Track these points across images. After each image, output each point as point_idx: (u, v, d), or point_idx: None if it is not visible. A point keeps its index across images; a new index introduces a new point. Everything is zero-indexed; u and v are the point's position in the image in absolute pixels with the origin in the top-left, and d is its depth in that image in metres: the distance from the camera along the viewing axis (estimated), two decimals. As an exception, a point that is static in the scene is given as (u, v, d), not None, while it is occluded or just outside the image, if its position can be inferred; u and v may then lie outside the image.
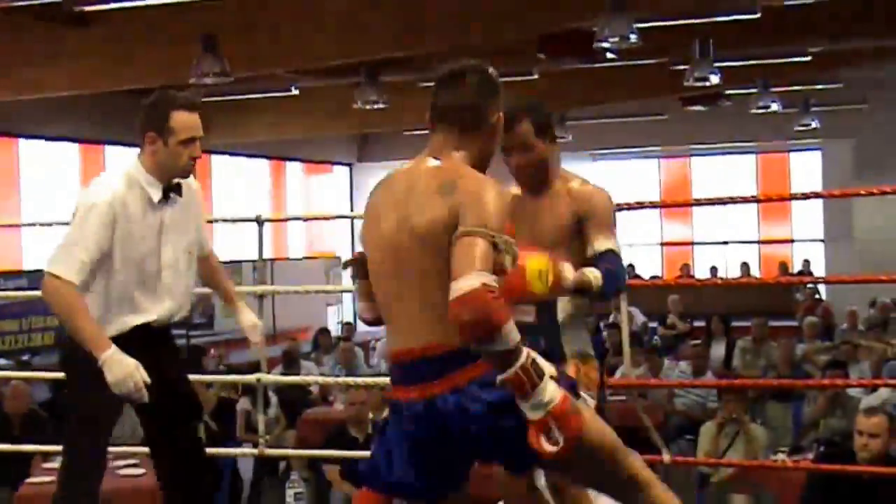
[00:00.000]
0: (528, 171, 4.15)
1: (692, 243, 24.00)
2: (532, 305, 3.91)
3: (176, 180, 4.35)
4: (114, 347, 4.00)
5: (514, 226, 3.32)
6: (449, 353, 3.16)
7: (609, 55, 12.23)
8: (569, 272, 3.70)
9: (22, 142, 16.16)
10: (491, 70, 3.38)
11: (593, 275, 3.83)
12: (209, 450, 4.92)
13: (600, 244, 4.01)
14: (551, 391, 3.00)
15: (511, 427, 3.11)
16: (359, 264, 3.54)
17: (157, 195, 4.29)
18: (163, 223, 4.31)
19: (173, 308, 4.41)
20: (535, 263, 3.48)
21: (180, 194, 4.37)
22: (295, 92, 15.21)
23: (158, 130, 4.29)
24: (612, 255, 4.01)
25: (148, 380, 4.03)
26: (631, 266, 21.95)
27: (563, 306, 4.06)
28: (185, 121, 4.29)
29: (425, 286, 3.18)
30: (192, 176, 4.43)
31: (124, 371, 3.98)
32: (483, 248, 3.03)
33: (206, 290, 5.08)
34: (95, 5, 10.38)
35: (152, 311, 4.31)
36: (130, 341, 4.14)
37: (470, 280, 2.94)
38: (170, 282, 4.35)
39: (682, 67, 12.80)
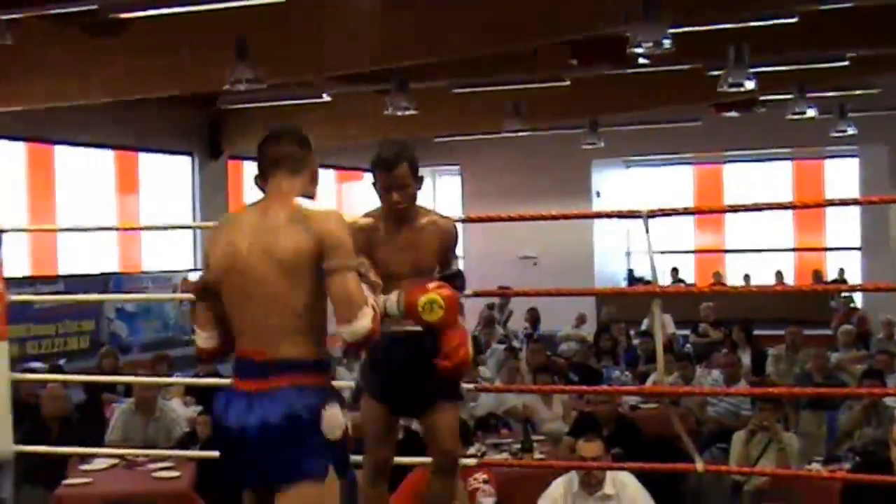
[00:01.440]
0: (403, 207, 4.72)
1: (725, 251, 23.89)
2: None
3: None
4: None
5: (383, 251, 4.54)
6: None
7: (642, 61, 12.19)
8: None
9: (57, 148, 16.26)
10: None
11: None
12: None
13: (455, 266, 4.81)
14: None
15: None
16: (201, 290, 3.98)
17: None
18: None
19: None
20: (423, 299, 4.24)
21: None
22: (326, 98, 15.23)
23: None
24: (461, 276, 4.83)
25: None
26: (675, 269, 21.89)
27: None
28: None
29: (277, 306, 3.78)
30: None
31: None
32: (355, 281, 3.74)
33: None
34: (129, 13, 10.43)
35: None
36: None
37: (363, 322, 3.70)
38: None
39: (716, 73, 12.73)
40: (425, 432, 4.95)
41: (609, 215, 6.39)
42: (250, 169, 19.61)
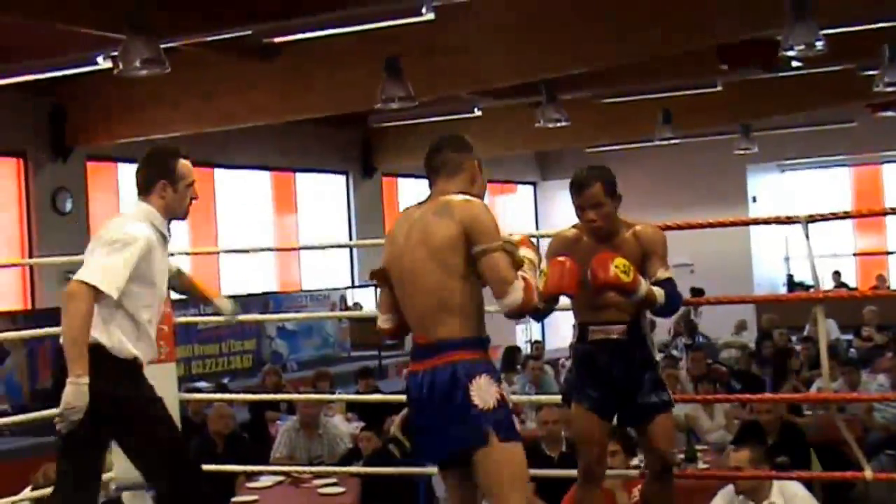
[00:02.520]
0: (599, 225, 4.90)
1: (887, 252, 23.33)
2: (622, 325, 4.89)
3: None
4: (87, 377, 4.28)
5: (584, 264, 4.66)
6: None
7: (795, 63, 12.01)
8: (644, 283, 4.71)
9: (217, 171, 16.66)
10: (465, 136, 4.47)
11: (659, 292, 4.78)
12: (404, 468, 5.17)
13: (662, 273, 4.86)
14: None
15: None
16: (382, 277, 4.39)
17: (167, 234, 4.75)
18: (165, 258, 4.79)
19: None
20: (620, 260, 4.61)
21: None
22: (478, 113, 15.31)
23: (168, 179, 4.70)
24: (671, 282, 4.86)
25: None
26: (837, 273, 21.44)
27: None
28: (186, 167, 4.75)
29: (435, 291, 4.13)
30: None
31: (81, 401, 4.28)
32: (503, 260, 4.05)
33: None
34: (282, 37, 10.65)
35: (153, 336, 4.69)
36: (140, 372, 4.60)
37: (515, 295, 4.02)
38: (161, 309, 4.82)
39: (870, 73, 12.48)
40: (639, 438, 5.22)
41: (767, 222, 6.32)
42: (404, 186, 19.86)
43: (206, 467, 7.05)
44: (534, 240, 4.44)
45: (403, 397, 4.12)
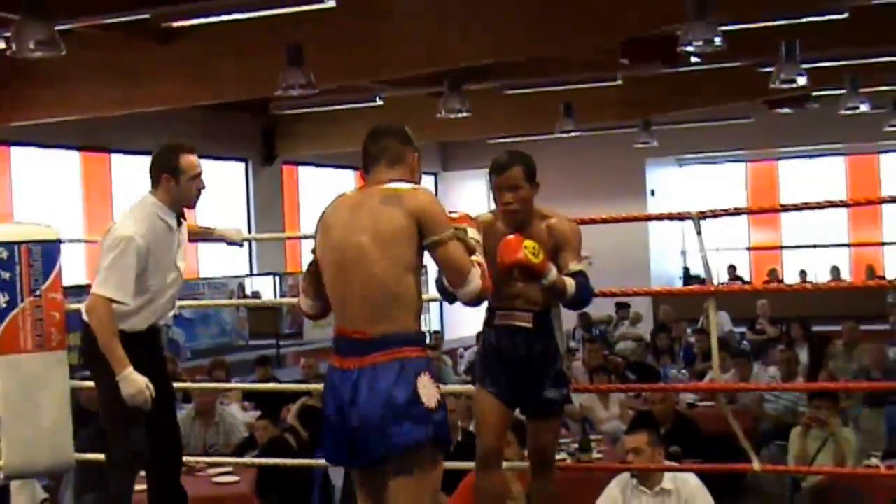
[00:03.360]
0: (514, 209, 4.86)
1: (781, 247, 23.74)
2: (529, 313, 4.85)
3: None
4: (131, 367, 4.88)
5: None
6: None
7: (694, 59, 12.14)
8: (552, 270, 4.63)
9: (113, 156, 16.42)
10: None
11: (570, 282, 4.73)
12: (300, 460, 5.25)
13: (574, 266, 4.82)
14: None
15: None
16: (312, 265, 4.29)
17: (173, 223, 5.17)
18: (177, 243, 5.21)
19: (173, 304, 5.34)
20: (530, 242, 4.54)
21: (185, 218, 5.33)
22: (379, 102, 15.29)
23: (171, 172, 5.18)
24: (583, 275, 4.83)
25: (153, 395, 4.92)
26: (732, 267, 21.75)
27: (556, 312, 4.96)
28: (190, 161, 5.23)
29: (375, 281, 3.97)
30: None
31: (138, 387, 4.87)
32: (458, 249, 4.00)
33: (293, 300, 5.47)
34: (181, 21, 10.53)
35: (166, 311, 5.27)
36: (149, 334, 5.16)
37: (473, 283, 3.99)
38: (180, 285, 5.25)
39: (768, 70, 12.67)
40: (528, 429, 5.13)
41: (660, 217, 6.39)
42: (304, 174, 19.76)
43: (98, 456, 6.99)
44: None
45: (301, 386, 4.16)
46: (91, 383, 5.47)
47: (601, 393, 9.83)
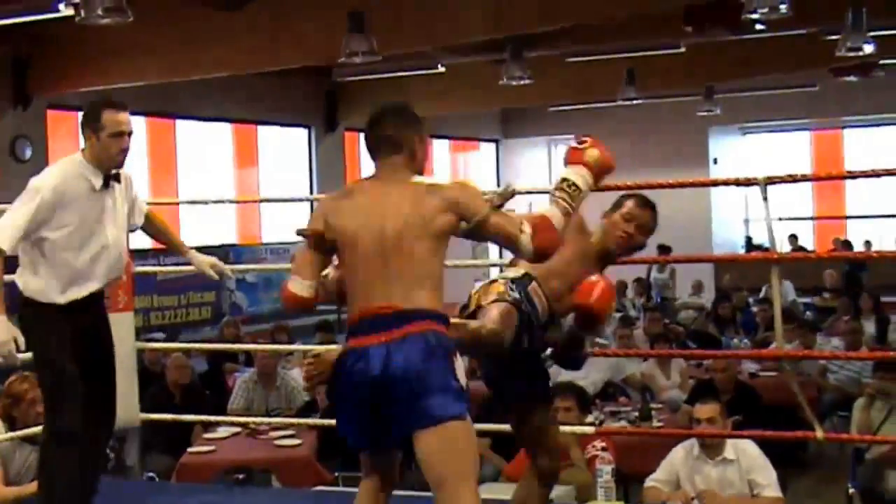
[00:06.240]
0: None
1: (846, 217, 23.49)
2: None
3: (114, 171, 4.93)
4: (4, 316, 4.59)
5: None
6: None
7: (758, 26, 12.03)
8: None
9: (178, 123, 16.57)
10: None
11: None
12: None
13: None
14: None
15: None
16: (316, 238, 4.07)
17: (97, 183, 4.85)
18: (104, 207, 4.89)
19: (113, 275, 5.05)
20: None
21: (119, 181, 4.97)
22: (441, 69, 15.28)
23: (92, 128, 4.86)
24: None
25: (17, 354, 4.67)
26: (793, 236, 21.54)
27: None
28: (113, 118, 4.85)
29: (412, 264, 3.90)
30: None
31: (5, 336, 4.59)
32: (497, 219, 3.94)
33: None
34: (247, -13, 10.59)
35: (97, 281, 4.94)
36: (78, 306, 4.85)
37: (525, 247, 3.93)
38: (113, 255, 4.96)
39: (834, 37, 12.53)
40: (512, 424, 4.84)
41: (726, 183, 6.30)
42: (366, 140, 19.80)
43: (163, 417, 7.09)
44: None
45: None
46: (156, 345, 5.50)
47: (662, 361, 9.81)
